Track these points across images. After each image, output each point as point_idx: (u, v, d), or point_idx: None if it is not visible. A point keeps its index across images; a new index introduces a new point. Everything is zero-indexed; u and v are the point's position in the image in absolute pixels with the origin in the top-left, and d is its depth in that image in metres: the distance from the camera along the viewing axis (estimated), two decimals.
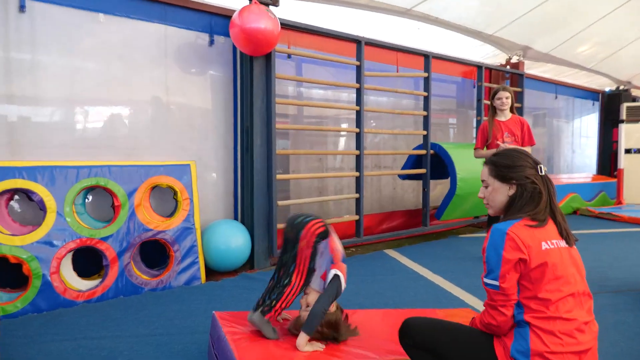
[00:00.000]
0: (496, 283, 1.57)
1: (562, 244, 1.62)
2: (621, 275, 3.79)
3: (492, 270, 1.59)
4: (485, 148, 4.43)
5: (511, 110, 4.47)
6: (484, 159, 2.29)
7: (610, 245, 4.97)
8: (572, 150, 9.19)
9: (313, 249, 2.01)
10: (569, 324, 1.52)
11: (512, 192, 1.70)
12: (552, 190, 1.70)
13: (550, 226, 1.64)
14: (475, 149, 4.57)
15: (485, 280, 1.62)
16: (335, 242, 2.09)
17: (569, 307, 1.54)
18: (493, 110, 4.48)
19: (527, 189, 1.66)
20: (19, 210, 3.30)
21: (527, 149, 4.38)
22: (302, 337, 1.93)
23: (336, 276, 1.98)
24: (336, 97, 5.39)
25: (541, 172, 1.69)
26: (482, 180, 1.79)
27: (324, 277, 2.03)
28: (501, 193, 1.72)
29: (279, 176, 4.15)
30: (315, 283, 2.07)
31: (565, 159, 9.02)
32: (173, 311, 2.97)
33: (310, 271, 2.03)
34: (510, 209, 1.69)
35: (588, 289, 1.63)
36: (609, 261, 4.27)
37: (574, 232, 1.70)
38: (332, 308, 2.04)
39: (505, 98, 4.39)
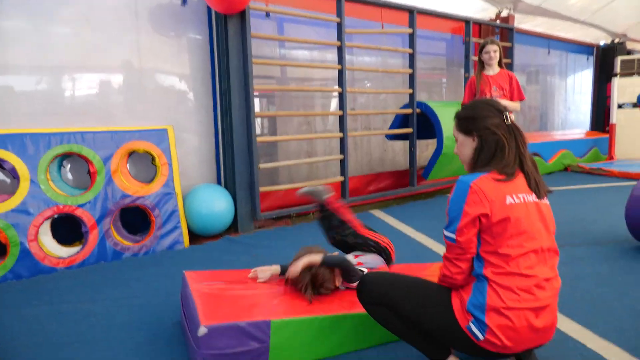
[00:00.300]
0: (453, 236, 1.55)
1: (531, 197, 1.57)
2: (604, 228, 3.79)
3: (452, 223, 1.56)
4: None
5: (500, 64, 4.38)
6: None
7: (597, 199, 4.94)
8: (567, 107, 9.06)
9: (379, 248, 2.42)
10: (528, 280, 1.50)
11: (475, 144, 1.65)
12: (521, 140, 1.64)
13: (520, 179, 1.59)
14: (462, 104, 4.47)
15: (445, 232, 1.59)
16: (382, 270, 2.36)
17: (530, 263, 1.52)
18: (481, 65, 4.38)
19: (489, 140, 1.61)
20: None
21: (517, 104, 4.31)
22: (317, 257, 2.12)
23: (362, 271, 2.20)
24: (322, 58, 5.26)
25: (507, 121, 1.64)
26: (454, 136, 1.74)
27: (359, 265, 2.27)
28: (466, 146, 1.68)
29: (259, 138, 4.10)
30: (351, 256, 2.37)
31: (559, 115, 8.90)
32: (151, 275, 2.98)
33: (366, 243, 2.41)
34: (477, 162, 1.64)
35: (555, 245, 1.60)
36: (593, 214, 4.26)
37: (563, 188, 1.66)
38: (337, 282, 2.19)
39: (492, 52, 4.29)
